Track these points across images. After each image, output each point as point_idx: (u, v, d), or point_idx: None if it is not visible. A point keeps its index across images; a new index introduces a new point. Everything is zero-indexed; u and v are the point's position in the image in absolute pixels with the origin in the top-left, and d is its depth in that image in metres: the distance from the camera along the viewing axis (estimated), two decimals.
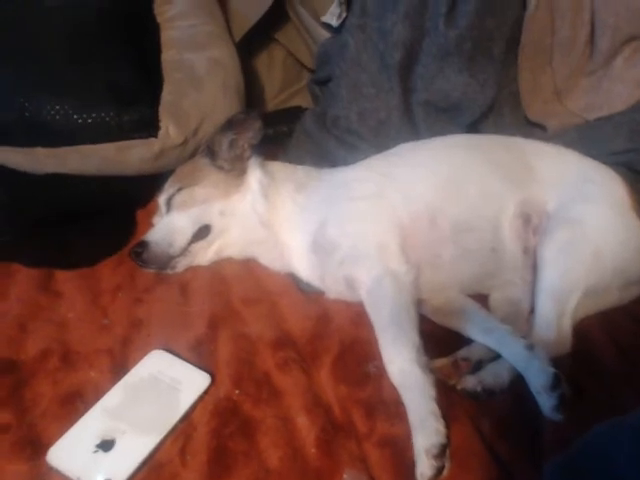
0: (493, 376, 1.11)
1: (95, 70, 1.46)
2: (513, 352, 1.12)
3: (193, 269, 1.37)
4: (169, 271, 1.34)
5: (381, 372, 1.08)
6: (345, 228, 1.29)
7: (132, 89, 1.49)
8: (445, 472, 0.93)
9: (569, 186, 1.33)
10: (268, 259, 1.39)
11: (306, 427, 1.01)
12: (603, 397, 1.06)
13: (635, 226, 1.28)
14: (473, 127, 1.60)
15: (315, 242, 1.31)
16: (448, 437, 0.96)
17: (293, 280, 1.35)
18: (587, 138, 1.50)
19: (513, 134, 1.48)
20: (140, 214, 1.54)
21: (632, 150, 1.47)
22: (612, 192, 1.33)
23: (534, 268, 1.28)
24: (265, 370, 1.12)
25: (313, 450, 0.98)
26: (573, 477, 0.71)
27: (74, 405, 1.05)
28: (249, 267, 1.39)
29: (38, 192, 1.43)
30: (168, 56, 1.61)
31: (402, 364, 1.06)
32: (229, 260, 1.40)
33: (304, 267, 1.34)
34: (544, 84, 1.62)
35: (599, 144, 1.48)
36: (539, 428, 1.01)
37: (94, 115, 1.40)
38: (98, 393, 1.05)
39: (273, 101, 2.09)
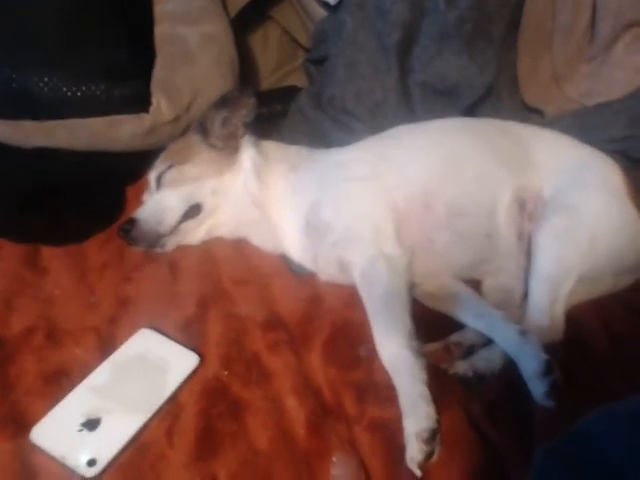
0: (485, 361, 1.10)
1: (86, 43, 1.42)
2: (505, 337, 1.11)
3: (183, 248, 1.34)
4: (158, 250, 1.32)
5: (372, 355, 1.07)
6: (339, 209, 1.27)
7: (124, 63, 1.45)
8: (435, 456, 0.92)
9: (565, 172, 1.31)
10: (260, 239, 1.37)
11: (295, 409, 1.00)
12: (595, 384, 1.06)
13: (631, 214, 1.27)
14: (470, 110, 1.58)
15: (308, 223, 1.30)
16: (439, 421, 0.95)
17: (285, 261, 1.34)
18: (585, 124, 1.49)
19: (510, 119, 1.46)
20: (130, 191, 1.50)
21: (630, 137, 1.46)
22: (608, 179, 1.32)
23: (528, 254, 1.27)
24: (255, 351, 1.10)
25: (303, 432, 0.97)
26: (566, 464, 0.70)
27: (59, 383, 1.03)
28: (240, 247, 1.37)
29: (25, 166, 1.40)
30: (161, 30, 1.56)
31: (394, 348, 1.05)
32: (220, 240, 1.38)
33: (296, 248, 1.33)
34: (543, 69, 1.61)
35: (597, 131, 1.46)
36: (530, 414, 1.01)
37: (84, 88, 1.37)
38: (84, 371, 1.03)
39: (268, 80, 2.05)
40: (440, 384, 1.03)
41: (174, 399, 1.01)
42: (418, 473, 0.91)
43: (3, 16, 1.40)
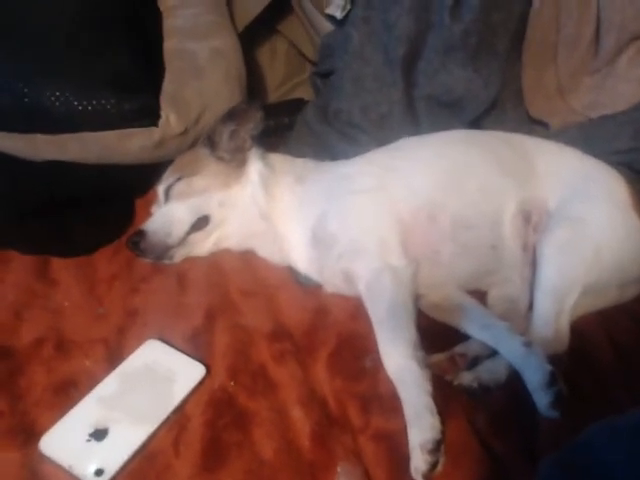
0: (490, 372, 1.11)
1: (96, 57, 1.45)
2: (510, 349, 1.11)
3: (191, 260, 1.36)
4: (166, 261, 1.33)
5: (377, 366, 1.08)
6: (345, 222, 1.28)
7: (133, 77, 1.48)
8: (439, 467, 0.92)
9: (570, 184, 1.32)
10: (266, 251, 1.38)
11: (301, 420, 1.01)
12: (599, 395, 1.06)
13: (635, 226, 1.27)
14: (475, 123, 1.59)
15: (314, 235, 1.31)
16: (443, 432, 0.95)
17: (291, 273, 1.35)
18: (589, 136, 1.50)
19: (515, 131, 1.48)
20: (139, 203, 1.52)
21: (635, 150, 1.46)
22: (613, 191, 1.32)
23: (533, 265, 1.27)
24: (261, 362, 1.11)
25: (307, 443, 0.97)
26: (570, 475, 0.70)
27: (68, 394, 1.04)
28: (247, 259, 1.38)
29: (36, 179, 1.42)
30: (170, 45, 1.59)
31: (399, 359, 1.06)
32: (227, 251, 1.39)
33: (303, 260, 1.33)
34: (547, 81, 1.61)
35: (601, 143, 1.47)
36: (535, 425, 1.01)
37: (94, 102, 1.39)
38: (92, 382, 1.05)
39: (275, 93, 2.07)
40: (445, 395, 1.03)
41: (181, 410, 1.02)
42: None
43: (15, 31, 1.43)
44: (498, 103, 1.59)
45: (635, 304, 1.27)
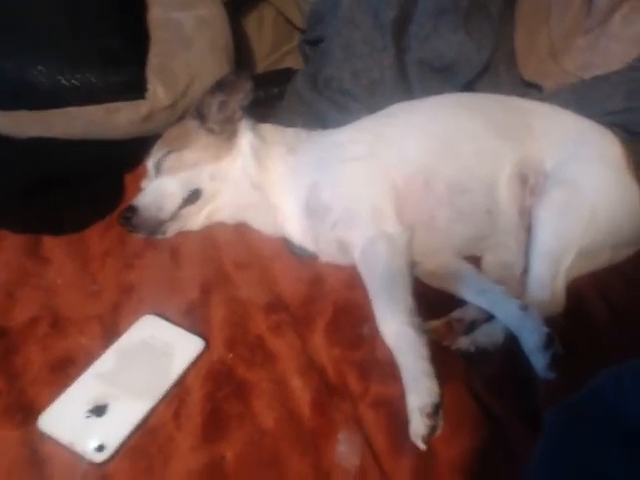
0: (487, 336, 1.11)
1: (80, 30, 1.41)
2: (507, 312, 1.12)
3: (184, 234, 1.34)
4: (159, 236, 1.32)
5: (375, 334, 1.08)
6: (338, 190, 1.27)
7: (118, 49, 1.44)
8: (439, 431, 0.93)
9: (565, 146, 1.31)
10: (260, 223, 1.38)
11: (300, 389, 1.01)
12: (595, 355, 1.06)
13: (630, 187, 1.26)
14: (468, 87, 1.56)
15: (308, 205, 1.30)
16: (441, 396, 0.95)
17: (286, 244, 1.34)
18: (583, 98, 1.48)
19: (508, 94, 1.45)
20: (128, 178, 1.50)
21: (629, 110, 1.45)
22: (608, 152, 1.31)
23: (528, 229, 1.27)
24: (258, 334, 1.11)
25: (308, 411, 0.98)
26: (579, 424, 0.70)
27: (65, 371, 1.04)
28: (240, 231, 1.37)
29: (24, 156, 1.40)
30: (154, 14, 1.55)
31: (395, 326, 1.06)
32: (220, 224, 1.38)
33: (297, 230, 1.33)
34: (540, 43, 1.59)
35: (595, 104, 1.45)
36: (532, 387, 1.01)
37: (79, 76, 1.36)
38: (89, 359, 1.04)
39: (263, 62, 2.03)
40: (442, 360, 1.03)
41: (180, 383, 1.02)
42: (422, 447, 0.92)
43: None
44: (491, 66, 1.56)
45: (627, 265, 1.28)
